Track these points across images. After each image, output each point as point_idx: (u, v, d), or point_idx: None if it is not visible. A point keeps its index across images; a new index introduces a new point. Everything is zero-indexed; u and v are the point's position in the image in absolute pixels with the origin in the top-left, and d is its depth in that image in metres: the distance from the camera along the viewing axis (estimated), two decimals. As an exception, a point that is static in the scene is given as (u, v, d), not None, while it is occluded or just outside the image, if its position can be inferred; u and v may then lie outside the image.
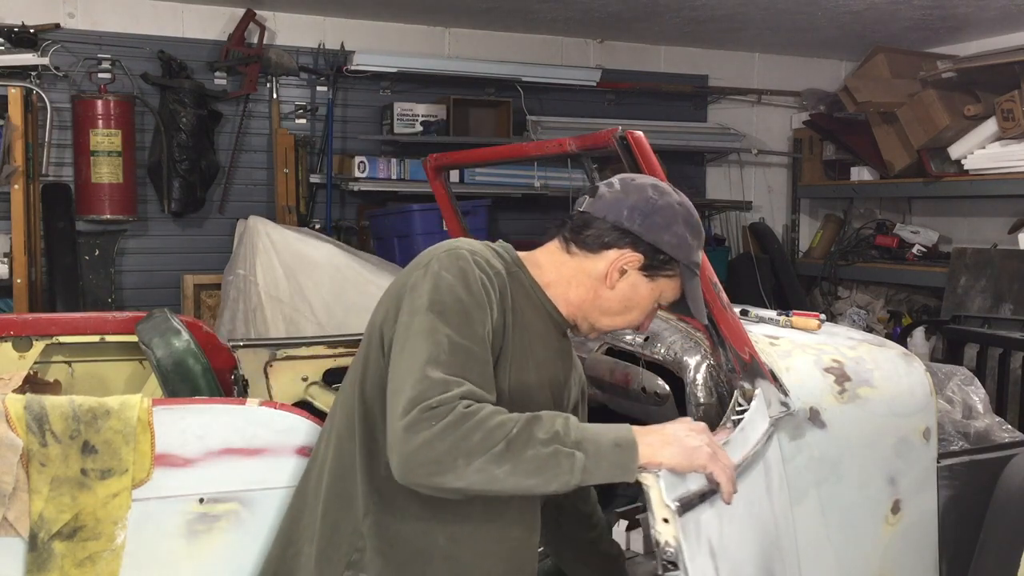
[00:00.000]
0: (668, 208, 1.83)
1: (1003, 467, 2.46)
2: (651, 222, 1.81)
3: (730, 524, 1.81)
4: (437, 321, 1.63)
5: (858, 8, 5.40)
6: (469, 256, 1.72)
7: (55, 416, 1.77)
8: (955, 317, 4.40)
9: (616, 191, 1.84)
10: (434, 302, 1.65)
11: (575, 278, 1.85)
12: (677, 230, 1.82)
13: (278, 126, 5.57)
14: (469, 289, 1.67)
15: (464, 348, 1.62)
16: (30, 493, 1.75)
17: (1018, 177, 5.30)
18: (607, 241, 1.82)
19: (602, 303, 1.85)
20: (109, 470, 1.78)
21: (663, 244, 1.81)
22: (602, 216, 1.82)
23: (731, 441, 1.87)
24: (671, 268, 1.84)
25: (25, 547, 1.74)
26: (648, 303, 1.87)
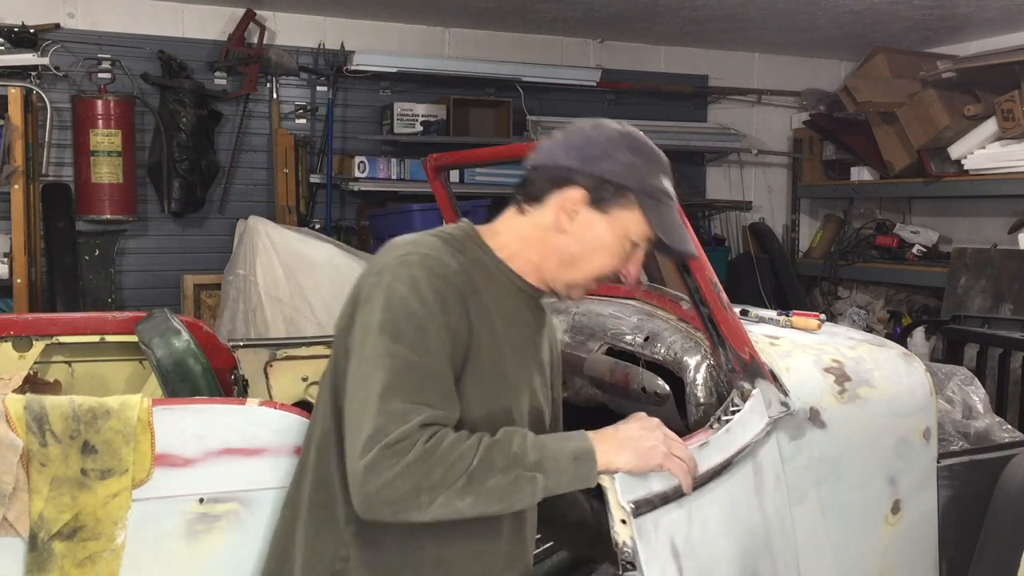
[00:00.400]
0: (605, 138, 1.73)
1: (1003, 467, 2.46)
2: (587, 153, 1.71)
3: (702, 524, 1.83)
4: (390, 343, 1.56)
5: (858, 8, 5.40)
6: (420, 262, 1.63)
7: (55, 416, 1.77)
8: (955, 317, 4.40)
9: (554, 138, 1.78)
10: (387, 321, 1.58)
11: (532, 237, 1.76)
12: (620, 156, 1.71)
13: (278, 126, 5.57)
14: (422, 299, 1.59)
15: (421, 367, 1.57)
16: (30, 493, 1.75)
17: (1018, 177, 5.30)
18: (549, 186, 1.74)
19: (561, 253, 1.75)
20: (109, 470, 1.78)
21: (605, 172, 1.70)
22: (540, 163, 1.76)
23: (711, 442, 1.89)
24: (624, 197, 1.72)
25: (25, 547, 1.74)
26: (613, 242, 1.74)
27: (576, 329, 2.72)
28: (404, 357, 1.55)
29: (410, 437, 1.51)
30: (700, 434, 1.91)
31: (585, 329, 2.69)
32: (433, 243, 1.69)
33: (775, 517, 2.07)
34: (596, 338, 2.62)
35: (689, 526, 1.79)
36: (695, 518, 1.81)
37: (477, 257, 1.74)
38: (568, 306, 2.85)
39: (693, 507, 1.78)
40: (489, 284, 1.72)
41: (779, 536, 2.07)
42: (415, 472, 1.49)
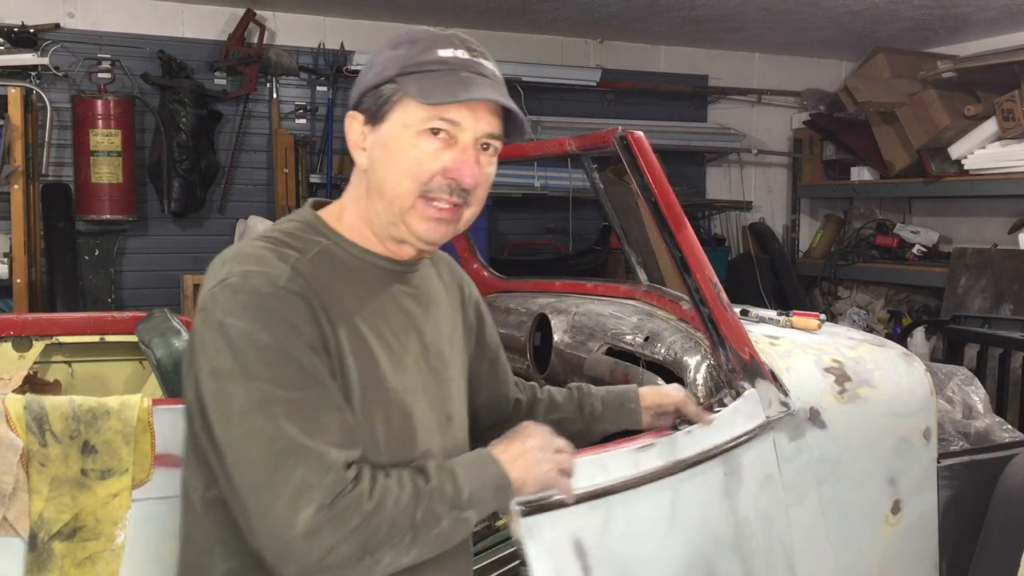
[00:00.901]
0: (376, 53, 1.53)
1: (1003, 467, 2.46)
2: (358, 79, 1.53)
3: (629, 524, 1.83)
4: (261, 390, 1.33)
5: (858, 8, 5.40)
6: (242, 284, 1.37)
7: (55, 416, 1.77)
8: (955, 317, 4.40)
9: None
10: (240, 364, 1.34)
11: (360, 196, 1.54)
12: (380, 58, 1.49)
13: (278, 126, 5.57)
14: (266, 325, 1.35)
15: (308, 402, 1.35)
16: (30, 493, 1.75)
17: (1018, 177, 5.31)
18: (344, 128, 1.54)
19: (374, 190, 1.50)
20: (109, 470, 1.78)
21: (368, 82, 1.49)
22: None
23: (657, 444, 1.89)
24: (391, 93, 1.47)
25: (25, 547, 1.74)
26: (400, 144, 1.46)
27: (576, 329, 2.73)
28: (285, 399, 1.34)
29: (347, 493, 1.33)
30: (647, 437, 1.91)
31: (585, 329, 2.69)
32: (255, 253, 1.43)
33: (756, 518, 2.07)
34: (596, 338, 2.62)
35: (606, 525, 1.80)
36: (618, 517, 1.81)
37: (324, 249, 1.49)
38: (568, 306, 2.85)
39: (617, 506, 1.80)
40: (345, 276, 1.49)
41: (759, 537, 2.07)
42: (361, 534, 1.34)
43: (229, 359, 1.35)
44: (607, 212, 3.07)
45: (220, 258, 1.47)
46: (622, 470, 1.83)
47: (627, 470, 1.84)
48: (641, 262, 2.99)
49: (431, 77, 1.44)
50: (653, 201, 2.16)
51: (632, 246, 3.02)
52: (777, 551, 2.11)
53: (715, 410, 2.06)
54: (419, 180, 1.47)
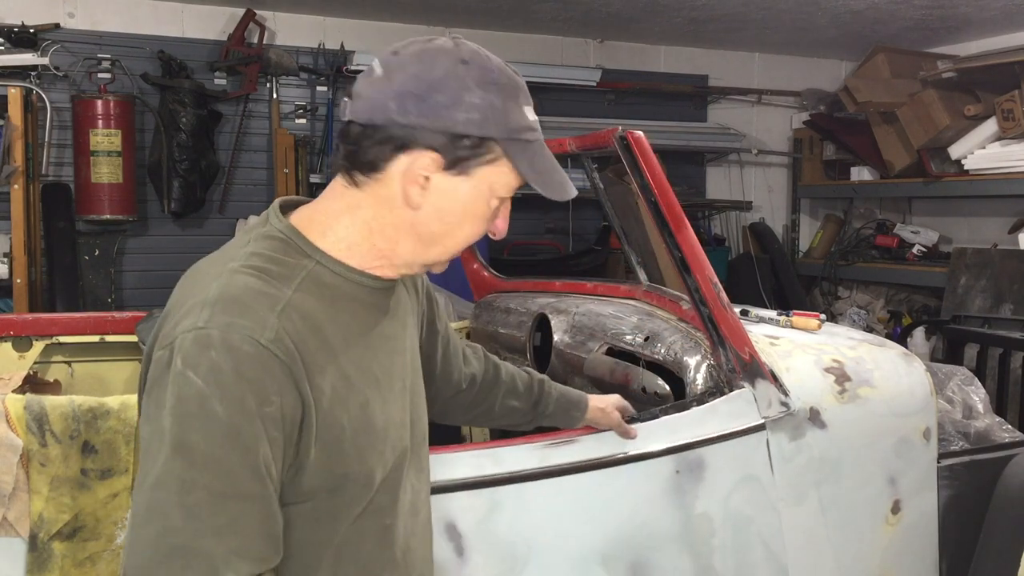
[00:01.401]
0: (448, 76, 1.31)
1: (1003, 467, 2.46)
2: (431, 104, 1.30)
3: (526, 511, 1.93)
4: (187, 466, 1.18)
5: (858, 8, 5.40)
6: (222, 340, 1.21)
7: (55, 416, 1.77)
8: (955, 317, 4.40)
9: (377, 79, 1.34)
10: (181, 432, 1.19)
11: (376, 219, 1.36)
12: (472, 99, 1.31)
13: (278, 126, 5.57)
14: (226, 397, 1.19)
15: (233, 497, 1.19)
16: (30, 493, 1.75)
17: (1018, 177, 5.31)
18: (387, 151, 1.32)
19: (418, 232, 1.37)
20: (109, 470, 1.78)
21: (459, 125, 1.30)
22: (368, 121, 1.32)
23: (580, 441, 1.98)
24: (487, 150, 1.34)
25: (25, 547, 1.74)
26: (479, 206, 1.38)
27: (576, 329, 2.72)
28: (207, 487, 1.18)
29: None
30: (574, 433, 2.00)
31: (585, 329, 2.69)
32: (244, 293, 1.26)
33: (724, 516, 2.09)
34: (596, 338, 2.62)
35: (490, 512, 1.90)
36: (507, 506, 1.91)
37: (310, 274, 1.34)
38: (568, 306, 2.85)
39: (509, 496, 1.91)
40: (333, 307, 1.34)
41: (723, 535, 2.09)
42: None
43: (170, 418, 1.20)
44: (607, 212, 3.07)
45: (199, 291, 1.28)
46: (521, 463, 1.92)
47: (529, 463, 1.93)
48: (641, 262, 2.99)
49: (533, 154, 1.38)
50: (653, 201, 2.16)
51: (632, 246, 3.02)
52: (757, 550, 2.12)
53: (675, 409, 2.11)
54: (476, 238, 1.43)
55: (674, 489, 2.06)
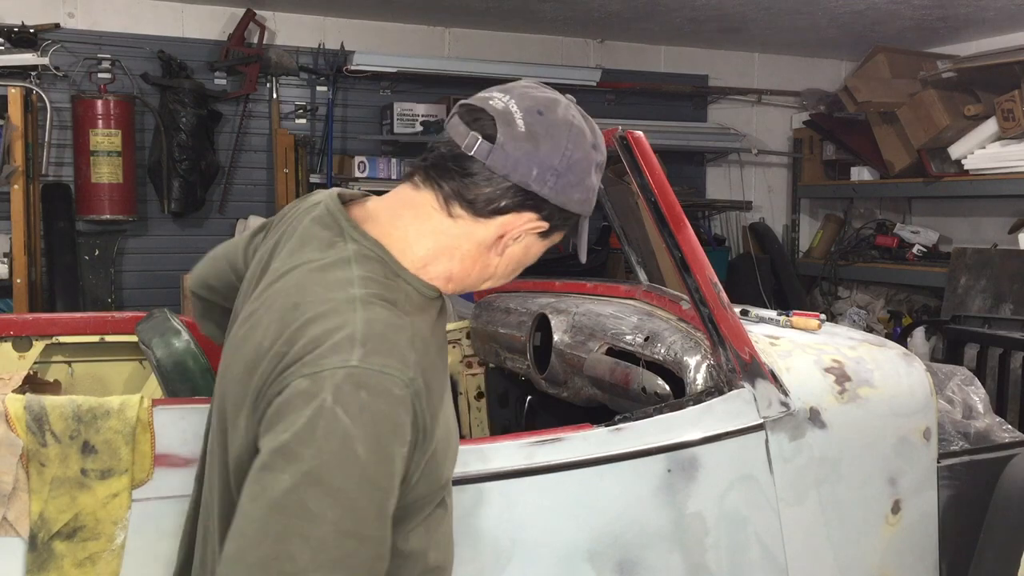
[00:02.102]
0: (584, 160, 1.42)
1: (1003, 467, 2.46)
2: (565, 183, 1.40)
3: (508, 509, 1.93)
4: (318, 500, 1.17)
5: (858, 8, 5.40)
6: (377, 383, 1.22)
7: (55, 416, 1.77)
8: (955, 317, 4.40)
9: (521, 139, 1.38)
10: (318, 466, 1.18)
11: (459, 249, 1.43)
12: (590, 183, 1.45)
13: (278, 126, 5.57)
14: (374, 444, 1.21)
15: (355, 538, 1.19)
16: (30, 493, 1.75)
17: (1018, 177, 5.31)
18: (504, 206, 1.40)
19: (489, 271, 1.48)
20: (109, 470, 1.78)
21: (572, 204, 1.43)
22: (503, 174, 1.38)
23: (567, 439, 1.98)
24: (570, 222, 1.49)
25: (25, 547, 1.74)
26: (535, 258, 1.53)
27: (576, 329, 2.72)
28: (334, 523, 1.17)
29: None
30: (566, 431, 2.01)
31: (585, 329, 2.69)
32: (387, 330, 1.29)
33: (719, 515, 2.09)
34: (596, 338, 2.62)
35: (475, 507, 1.91)
36: (493, 503, 1.93)
37: (407, 297, 1.38)
38: (568, 306, 2.85)
39: (492, 492, 1.92)
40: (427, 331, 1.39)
41: (718, 534, 2.09)
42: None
43: (308, 448, 1.19)
44: (607, 212, 3.07)
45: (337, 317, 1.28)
46: (508, 461, 1.93)
47: (515, 461, 1.94)
48: (641, 262, 2.99)
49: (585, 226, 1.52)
50: (653, 201, 2.16)
51: (632, 246, 3.02)
52: (754, 550, 2.13)
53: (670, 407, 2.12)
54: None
55: (665, 488, 2.06)
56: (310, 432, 1.19)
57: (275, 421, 1.24)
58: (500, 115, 1.39)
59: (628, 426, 2.06)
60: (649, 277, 2.95)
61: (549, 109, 1.41)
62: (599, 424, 2.05)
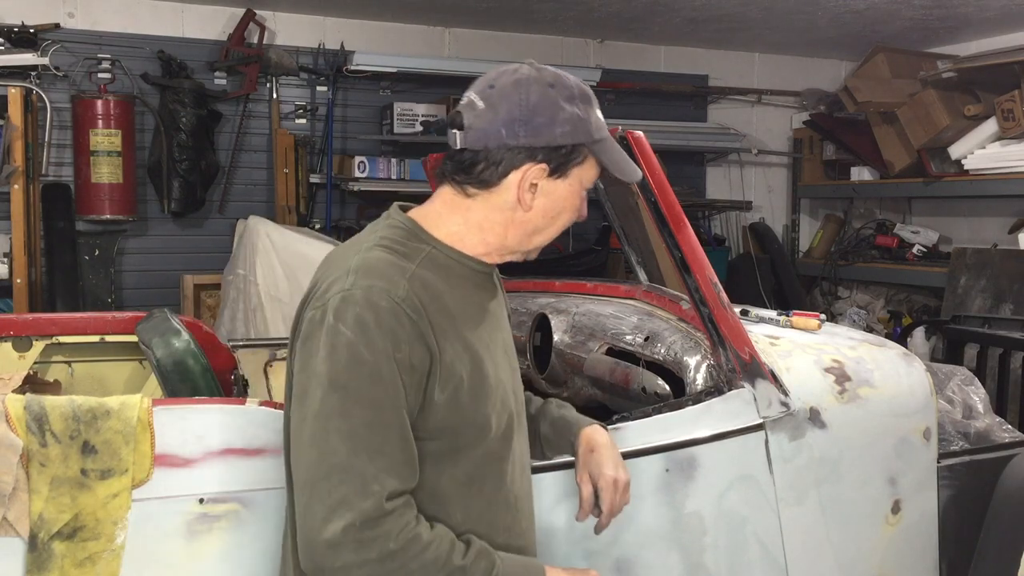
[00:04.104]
0: (543, 99, 1.61)
1: (1003, 467, 2.46)
2: (535, 125, 1.60)
3: None
4: (342, 399, 1.46)
5: (858, 8, 5.40)
6: (365, 297, 1.49)
7: (55, 416, 1.77)
8: (955, 317, 4.40)
9: (483, 113, 1.61)
10: (335, 372, 1.47)
11: (487, 220, 1.66)
12: (564, 115, 1.62)
13: (278, 126, 5.57)
14: (371, 344, 1.47)
15: (378, 425, 1.47)
16: (30, 493, 1.75)
17: (1018, 177, 5.30)
18: (502, 169, 1.62)
19: (528, 227, 1.68)
20: (109, 470, 1.78)
21: (557, 139, 1.61)
22: (483, 147, 1.61)
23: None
24: (579, 153, 1.65)
25: (25, 547, 1.74)
26: (574, 199, 1.69)
27: (576, 329, 2.73)
28: (360, 416, 1.46)
29: (378, 526, 1.44)
30: None
31: (585, 329, 2.69)
32: (380, 264, 1.56)
33: (717, 515, 2.10)
34: (596, 338, 2.62)
35: None
36: None
37: (428, 255, 1.62)
38: (568, 306, 2.85)
39: None
40: (448, 283, 1.62)
41: (716, 533, 2.10)
42: (375, 569, 1.45)
43: (326, 363, 1.48)
44: (607, 212, 3.07)
45: (342, 264, 1.58)
46: None
47: None
48: (641, 262, 2.99)
49: (610, 150, 1.69)
50: (653, 201, 2.16)
51: (632, 246, 3.02)
52: (753, 550, 2.13)
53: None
54: (569, 224, 1.73)
55: (663, 487, 2.07)
56: (324, 350, 1.48)
57: (300, 352, 1.55)
58: (464, 105, 1.64)
59: (626, 426, 2.06)
60: (649, 277, 2.95)
61: (498, 79, 1.65)
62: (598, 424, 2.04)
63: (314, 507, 1.46)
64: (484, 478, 1.63)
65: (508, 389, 1.68)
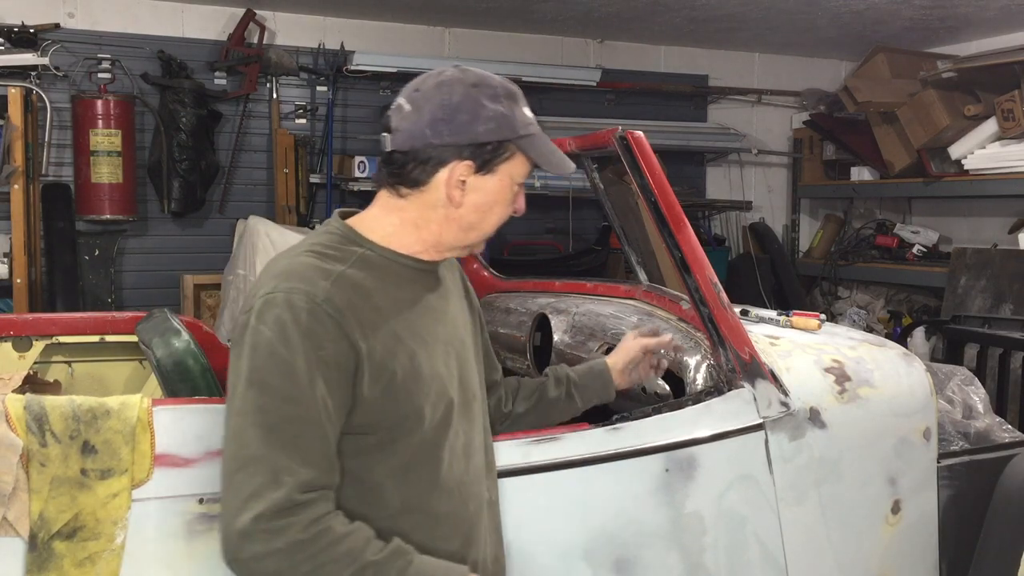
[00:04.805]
0: (466, 98, 1.67)
1: (1003, 467, 2.46)
2: (458, 124, 1.66)
3: (507, 508, 1.94)
4: (259, 395, 1.53)
5: (858, 8, 5.40)
6: (285, 300, 1.56)
7: (55, 416, 1.77)
8: (955, 317, 4.40)
9: (408, 115, 1.68)
10: (253, 370, 1.54)
11: (420, 218, 1.72)
12: (487, 113, 1.67)
13: (278, 126, 5.57)
14: (288, 342, 1.53)
15: (293, 420, 1.53)
16: (30, 493, 1.75)
17: (1018, 177, 5.31)
18: (430, 168, 1.68)
19: (461, 223, 1.73)
20: (109, 470, 1.78)
21: (481, 136, 1.67)
22: (410, 148, 1.67)
23: (564, 438, 2.00)
24: (505, 149, 1.70)
25: (25, 547, 1.74)
26: (505, 194, 1.74)
27: (576, 329, 2.73)
28: (276, 411, 1.53)
29: (287, 515, 1.49)
30: (559, 430, 2.03)
31: (585, 329, 2.69)
32: (304, 268, 1.62)
33: (717, 514, 2.10)
34: (596, 338, 2.62)
35: None
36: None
37: (360, 256, 1.68)
38: (568, 306, 2.85)
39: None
40: (381, 281, 1.68)
41: (716, 533, 2.10)
42: (283, 560, 1.49)
43: (247, 362, 1.56)
44: (607, 212, 3.07)
45: (271, 270, 1.65)
46: (503, 459, 1.94)
47: (511, 459, 1.96)
48: (641, 262, 2.99)
49: (538, 144, 1.74)
50: (653, 201, 2.16)
51: (632, 246, 3.02)
52: (753, 550, 2.13)
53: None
54: (505, 219, 1.78)
55: (663, 487, 2.07)
56: (246, 349, 1.56)
57: (231, 354, 1.61)
58: (392, 109, 1.72)
59: (625, 426, 2.06)
60: (649, 277, 2.95)
61: (423, 82, 1.72)
62: (597, 424, 2.05)
63: (229, 499, 1.52)
64: (420, 466, 1.66)
65: (447, 380, 1.72)
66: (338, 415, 1.57)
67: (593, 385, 2.14)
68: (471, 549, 1.74)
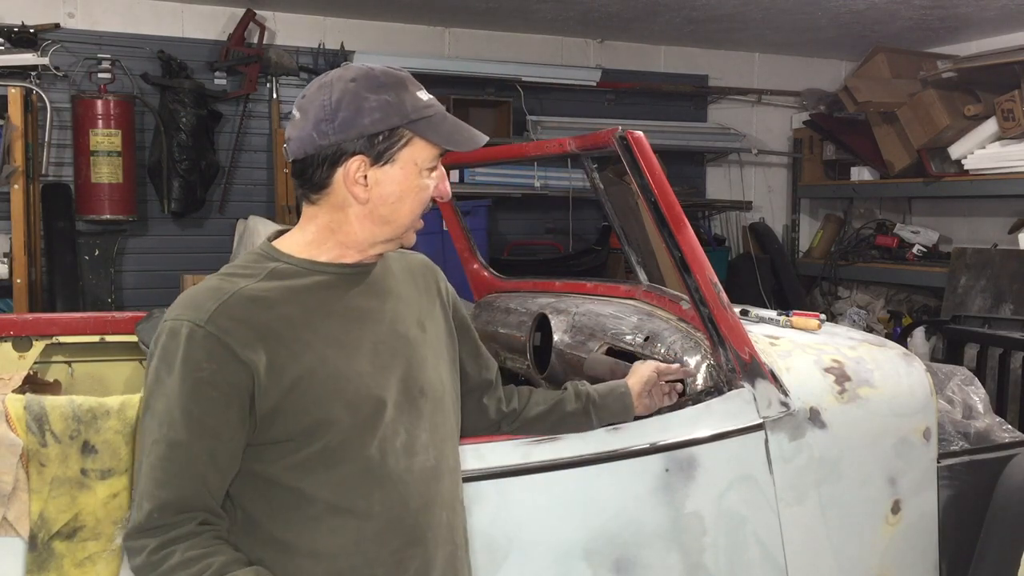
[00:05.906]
0: (345, 94, 1.66)
1: (1003, 467, 2.46)
2: (341, 121, 1.65)
3: (505, 508, 1.97)
4: (147, 419, 1.60)
5: (858, 8, 5.40)
6: (171, 330, 1.60)
7: (55, 416, 1.77)
8: (955, 317, 4.40)
9: (297, 122, 1.69)
10: (145, 396, 1.62)
11: (333, 221, 1.72)
12: (370, 104, 1.66)
13: (278, 126, 5.57)
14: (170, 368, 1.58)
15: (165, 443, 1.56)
16: (30, 493, 1.75)
17: (1018, 177, 5.31)
18: (326, 169, 1.67)
19: (373, 217, 1.71)
20: (109, 470, 1.78)
21: (368, 128, 1.65)
22: (304, 154, 1.67)
23: (564, 439, 2.01)
24: (399, 136, 1.68)
25: (25, 547, 1.74)
26: (411, 181, 1.71)
27: (576, 329, 2.72)
28: (153, 433, 1.58)
29: (140, 538, 1.56)
30: None
31: (585, 329, 2.69)
32: (199, 293, 1.65)
33: (717, 515, 2.10)
34: (596, 338, 2.62)
35: (471, 507, 1.92)
36: (489, 501, 1.95)
37: (272, 271, 1.69)
38: (568, 306, 2.85)
39: (491, 491, 1.95)
40: (293, 291, 1.68)
41: (716, 533, 2.10)
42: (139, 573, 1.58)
43: (145, 391, 1.63)
44: (607, 212, 3.07)
45: (177, 299, 1.68)
46: (503, 460, 1.96)
47: (511, 460, 1.97)
48: (641, 262, 2.99)
49: (437, 124, 1.71)
50: (653, 201, 2.16)
51: (632, 246, 3.02)
52: (753, 550, 2.13)
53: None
54: (425, 206, 1.75)
55: (663, 487, 2.07)
56: (149, 381, 1.62)
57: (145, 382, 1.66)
58: (288, 121, 1.74)
59: (626, 426, 2.06)
60: (649, 277, 2.94)
61: (310, 88, 1.72)
62: None
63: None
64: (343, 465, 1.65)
65: (372, 379, 1.69)
66: (229, 431, 1.59)
67: (613, 407, 2.08)
68: (417, 549, 1.70)
